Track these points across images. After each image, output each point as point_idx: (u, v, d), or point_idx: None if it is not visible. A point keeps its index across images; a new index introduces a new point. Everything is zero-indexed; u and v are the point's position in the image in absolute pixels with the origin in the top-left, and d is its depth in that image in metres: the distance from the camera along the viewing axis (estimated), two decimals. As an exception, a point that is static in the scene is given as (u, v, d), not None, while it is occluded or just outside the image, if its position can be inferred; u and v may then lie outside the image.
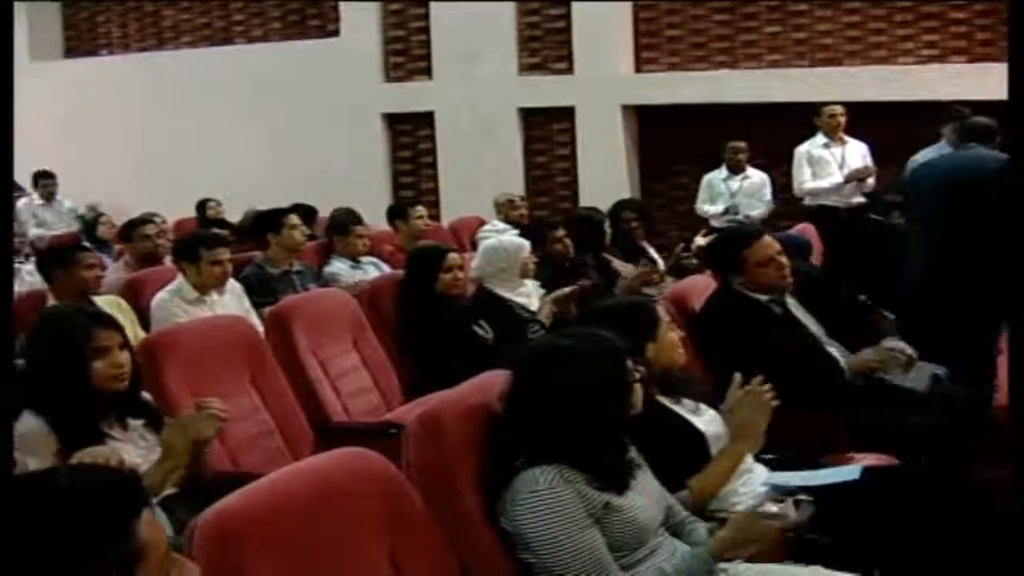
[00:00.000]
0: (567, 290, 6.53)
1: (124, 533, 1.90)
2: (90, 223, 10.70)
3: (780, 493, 3.67)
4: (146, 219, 8.63)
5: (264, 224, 7.82)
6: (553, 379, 3.27)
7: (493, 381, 3.51)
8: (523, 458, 3.20)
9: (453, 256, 6.55)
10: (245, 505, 2.66)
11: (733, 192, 10.46)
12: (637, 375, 3.42)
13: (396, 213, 9.35)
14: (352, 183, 11.96)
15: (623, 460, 3.36)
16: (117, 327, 3.99)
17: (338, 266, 8.10)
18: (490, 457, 3.30)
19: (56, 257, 6.53)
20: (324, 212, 10.39)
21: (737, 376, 4.08)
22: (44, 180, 12.64)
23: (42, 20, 14.84)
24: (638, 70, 11.95)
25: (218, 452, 4.67)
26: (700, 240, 7.78)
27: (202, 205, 11.43)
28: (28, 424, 3.78)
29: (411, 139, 12.99)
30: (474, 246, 9.04)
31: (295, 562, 2.67)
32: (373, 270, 8.07)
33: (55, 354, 3.91)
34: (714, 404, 4.16)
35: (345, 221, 8.75)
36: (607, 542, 3.16)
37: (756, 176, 10.53)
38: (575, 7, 11.82)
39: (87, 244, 7.73)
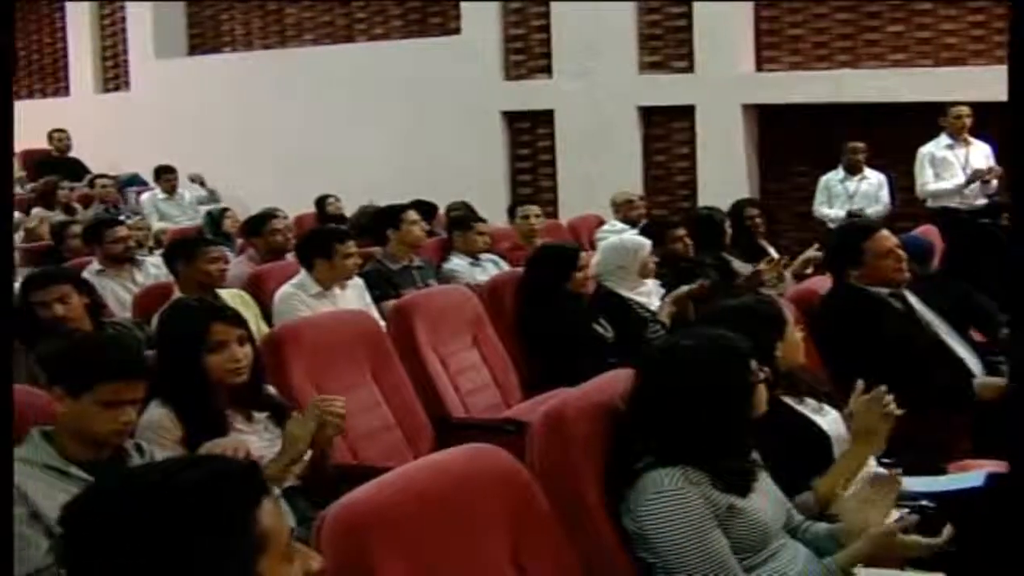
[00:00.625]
0: (685, 289, 6.51)
1: (245, 522, 1.91)
2: (215, 217, 10.82)
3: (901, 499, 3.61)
4: (273, 214, 8.77)
5: (383, 220, 7.89)
6: (678, 380, 3.24)
7: (617, 380, 3.49)
8: (648, 458, 3.19)
9: (585, 255, 6.57)
10: (374, 498, 2.67)
11: (851, 194, 10.30)
12: (761, 376, 3.39)
13: (509, 211, 9.34)
14: (471, 180, 12.01)
15: (747, 461, 3.34)
16: (237, 322, 4.04)
17: (457, 263, 8.12)
18: (614, 456, 3.28)
19: (180, 250, 6.63)
20: (443, 209, 10.47)
21: (860, 383, 4.02)
22: (166, 174, 12.81)
23: (167, 18, 15.11)
24: (759, 69, 11.83)
25: (339, 445, 4.72)
26: (811, 253, 7.65)
27: (321, 201, 11.48)
28: (154, 413, 3.85)
29: (530, 137, 12.98)
30: (592, 245, 9.04)
31: (420, 556, 2.68)
32: (492, 267, 8.08)
33: (176, 347, 3.99)
34: (836, 404, 4.11)
35: (465, 217, 8.79)
36: (729, 544, 3.14)
37: (874, 177, 10.37)
38: (696, 6, 11.73)
39: (210, 238, 7.82)
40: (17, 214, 10.88)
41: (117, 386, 3.33)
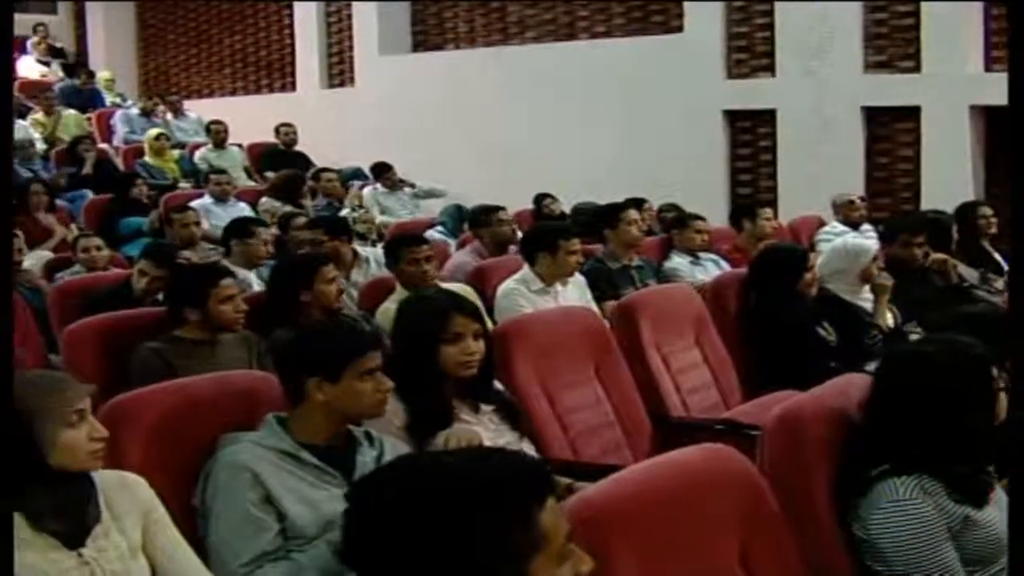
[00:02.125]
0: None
1: (528, 520, 1.94)
2: (453, 214, 11.02)
3: None
4: (497, 207, 8.88)
5: (602, 219, 7.91)
6: (916, 386, 3.19)
7: (850, 384, 3.46)
8: (883, 466, 3.15)
9: (813, 256, 6.53)
10: (612, 494, 2.70)
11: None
12: (1001, 384, 3.31)
13: (743, 212, 9.19)
14: (690, 180, 11.95)
15: (984, 472, 3.26)
16: (476, 316, 4.09)
17: (678, 261, 8.11)
18: (847, 462, 3.25)
19: (397, 246, 6.73)
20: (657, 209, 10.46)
21: None
22: (386, 171, 13.06)
23: (392, 15, 15.39)
24: (987, 69, 11.51)
25: (559, 439, 4.77)
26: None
27: (539, 200, 11.53)
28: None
29: (751, 136, 12.85)
30: (812, 246, 8.92)
31: (653, 552, 2.68)
32: (713, 267, 8.05)
33: (414, 335, 4.06)
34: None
35: (683, 215, 8.76)
36: (960, 556, 3.08)
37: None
38: (924, 4, 11.45)
39: (425, 236, 7.82)
40: (241, 203, 11.23)
41: (370, 355, 3.46)
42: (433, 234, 10.20)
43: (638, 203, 8.77)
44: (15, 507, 2.81)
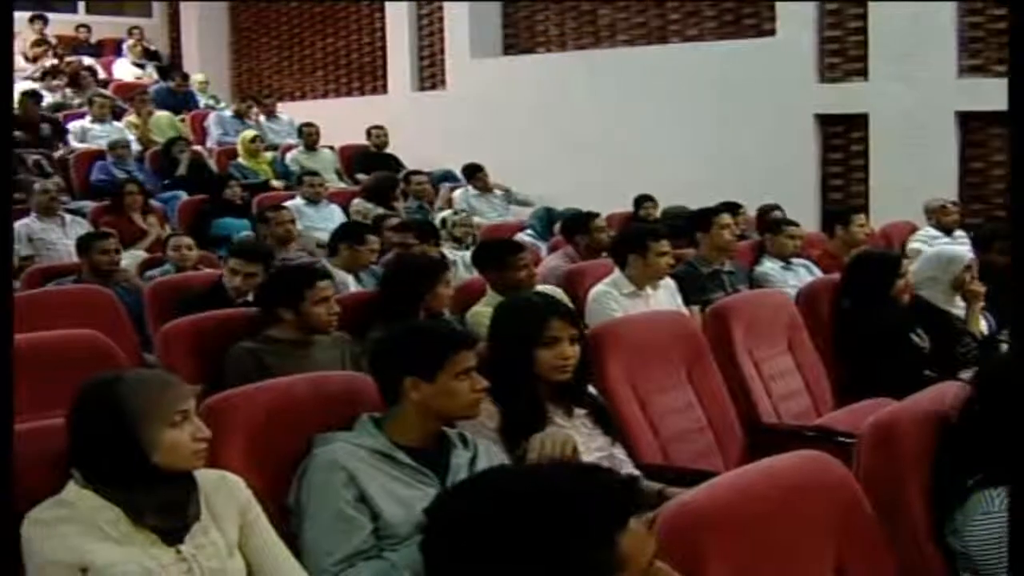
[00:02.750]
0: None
1: (607, 544, 1.94)
2: (542, 217, 11.06)
3: None
4: (592, 214, 8.90)
5: (694, 222, 7.88)
6: (1012, 395, 3.15)
7: (946, 393, 3.42)
8: (978, 476, 3.12)
9: (906, 262, 6.49)
10: (709, 500, 2.70)
11: None
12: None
13: (836, 218, 9.06)
14: (780, 184, 11.84)
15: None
16: (572, 320, 4.09)
17: (769, 266, 8.05)
18: (943, 472, 3.22)
19: (492, 254, 6.73)
20: (752, 212, 10.39)
21: None
22: (478, 173, 13.12)
23: (484, 18, 15.42)
24: (1089, 73, 11.33)
25: (650, 444, 4.76)
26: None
27: (639, 202, 11.46)
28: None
29: (843, 141, 12.71)
30: (904, 252, 8.83)
31: (747, 558, 2.68)
32: (805, 272, 7.98)
33: (510, 337, 4.08)
34: None
35: (776, 220, 8.71)
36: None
37: None
38: (1025, 7, 11.29)
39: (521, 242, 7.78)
40: (333, 205, 11.32)
41: (465, 354, 3.48)
42: (523, 237, 10.23)
43: (732, 207, 8.71)
44: (118, 501, 2.87)
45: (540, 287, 6.59)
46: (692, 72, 13.18)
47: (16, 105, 12.86)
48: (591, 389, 4.29)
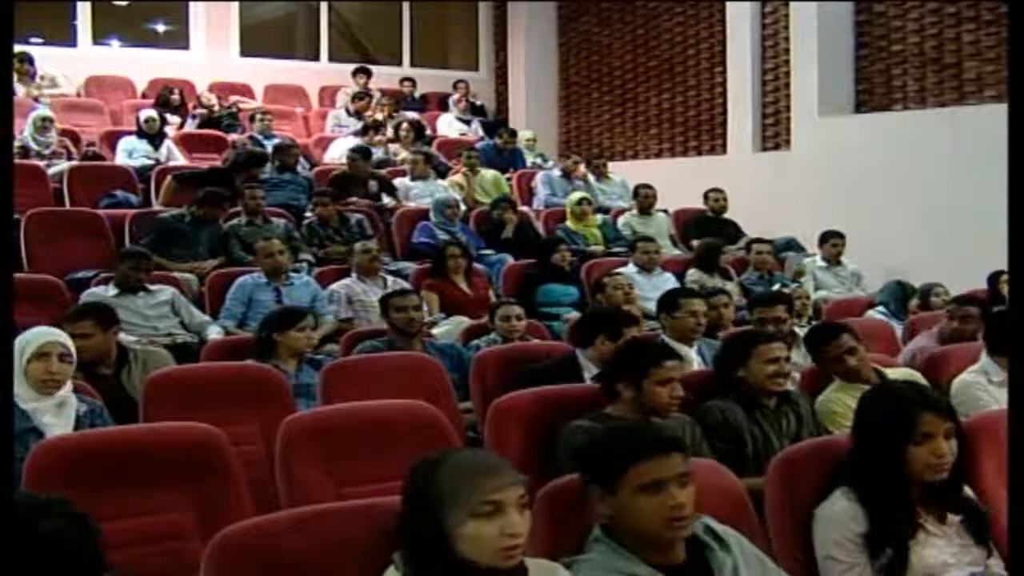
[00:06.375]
0: None
1: None
2: (895, 292, 10.71)
3: None
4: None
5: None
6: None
7: None
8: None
9: None
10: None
11: None
12: None
13: None
14: None
15: None
16: (948, 414, 3.93)
17: None
18: None
19: (823, 338, 6.46)
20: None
21: None
22: (833, 239, 12.68)
23: (834, 75, 15.12)
24: None
25: None
26: None
27: (994, 278, 10.82)
28: (837, 505, 3.83)
29: None
30: None
31: None
32: None
33: (876, 435, 3.92)
34: None
35: None
36: None
37: None
38: None
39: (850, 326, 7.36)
40: (667, 274, 11.25)
41: (651, 465, 3.30)
42: (873, 315, 9.94)
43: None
44: None
45: (893, 369, 6.39)
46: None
47: (346, 162, 13.36)
48: (968, 491, 4.08)
